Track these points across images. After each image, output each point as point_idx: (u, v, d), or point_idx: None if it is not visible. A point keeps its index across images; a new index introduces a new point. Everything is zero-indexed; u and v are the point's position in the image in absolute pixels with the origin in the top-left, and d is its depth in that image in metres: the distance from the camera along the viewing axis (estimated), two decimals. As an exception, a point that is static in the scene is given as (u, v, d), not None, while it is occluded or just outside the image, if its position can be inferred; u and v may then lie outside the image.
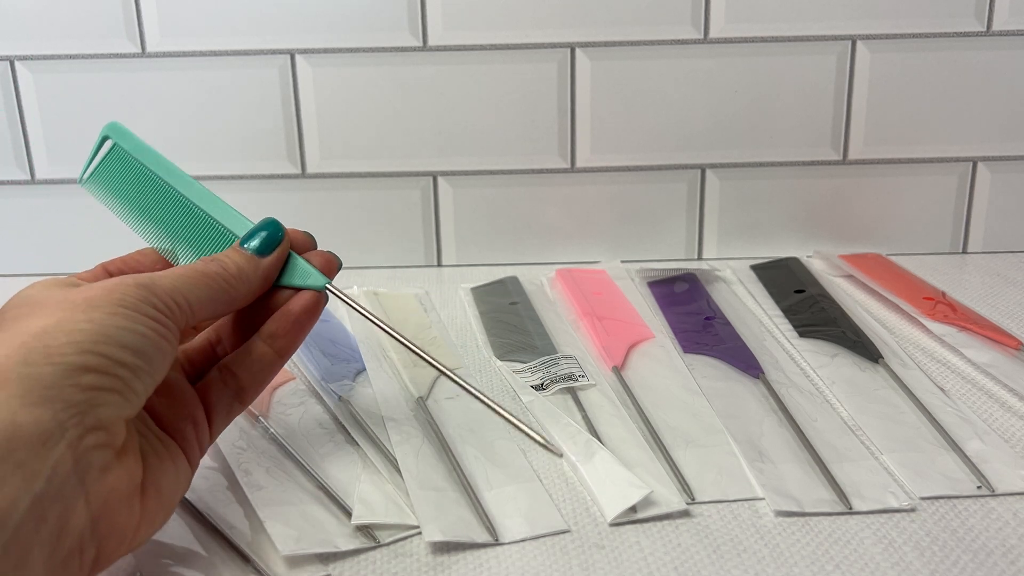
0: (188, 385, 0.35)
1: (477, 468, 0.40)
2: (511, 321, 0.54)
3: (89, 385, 0.27)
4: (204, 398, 0.35)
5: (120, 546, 0.29)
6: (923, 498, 0.38)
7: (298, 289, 0.37)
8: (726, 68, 0.62)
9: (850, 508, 0.37)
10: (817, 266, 0.63)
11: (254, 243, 0.36)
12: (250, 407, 0.44)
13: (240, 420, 0.44)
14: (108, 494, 0.28)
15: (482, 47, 0.62)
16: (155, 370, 0.30)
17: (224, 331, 0.37)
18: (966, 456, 0.40)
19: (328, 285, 0.37)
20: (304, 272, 0.37)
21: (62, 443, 0.26)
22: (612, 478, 0.38)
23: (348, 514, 0.37)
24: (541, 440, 0.36)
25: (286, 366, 0.49)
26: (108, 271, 0.36)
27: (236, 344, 0.37)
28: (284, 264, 0.37)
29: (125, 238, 0.68)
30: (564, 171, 0.64)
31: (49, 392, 0.26)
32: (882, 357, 0.49)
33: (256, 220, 0.37)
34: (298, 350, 0.50)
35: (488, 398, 0.36)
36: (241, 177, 0.64)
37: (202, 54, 0.62)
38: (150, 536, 0.31)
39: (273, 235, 0.36)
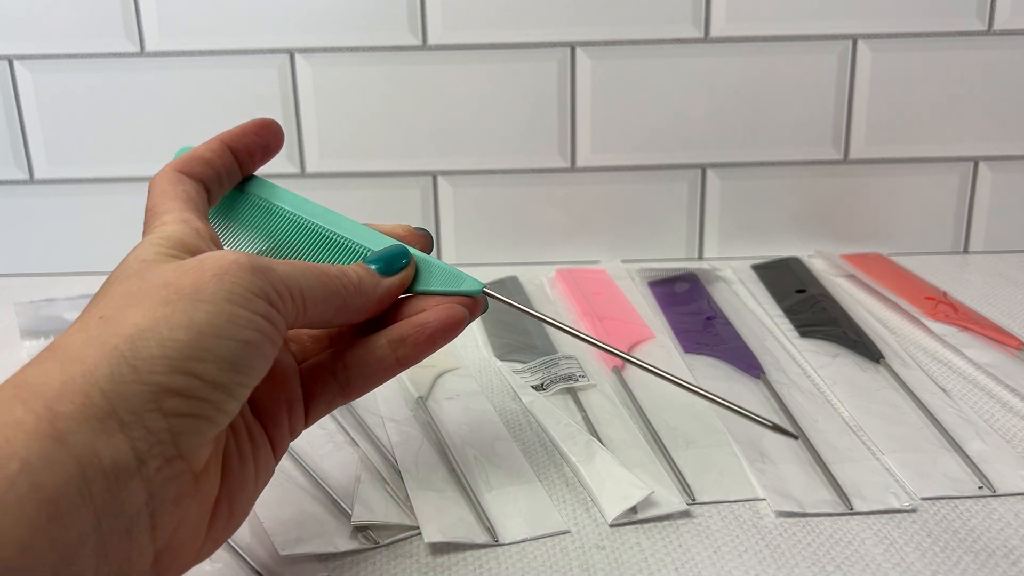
0: (294, 364, 0.32)
1: (477, 469, 0.40)
2: (511, 321, 0.54)
3: (174, 411, 0.25)
4: (308, 381, 0.32)
5: (176, 574, 0.27)
6: (924, 498, 0.38)
7: (434, 294, 0.34)
8: (727, 67, 0.62)
9: (851, 508, 0.37)
10: (818, 266, 0.63)
11: (377, 264, 0.33)
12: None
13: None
14: (177, 526, 0.25)
15: (482, 46, 0.62)
16: (254, 380, 0.27)
17: None
18: (967, 456, 0.40)
19: (486, 289, 0.34)
20: (452, 276, 0.34)
21: (138, 476, 0.24)
22: (612, 479, 0.38)
23: (347, 514, 0.36)
24: (771, 424, 0.31)
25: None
26: (183, 173, 0.34)
27: (355, 333, 0.34)
28: (419, 272, 0.34)
29: (124, 239, 0.68)
30: (564, 170, 0.64)
31: (131, 418, 0.24)
32: (883, 357, 0.49)
33: None
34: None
35: (693, 385, 0.33)
36: (241, 177, 0.64)
37: (201, 53, 0.61)
38: (209, 555, 0.29)
39: (398, 258, 0.34)
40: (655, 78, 0.62)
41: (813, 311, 0.55)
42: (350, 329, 0.35)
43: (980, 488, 0.38)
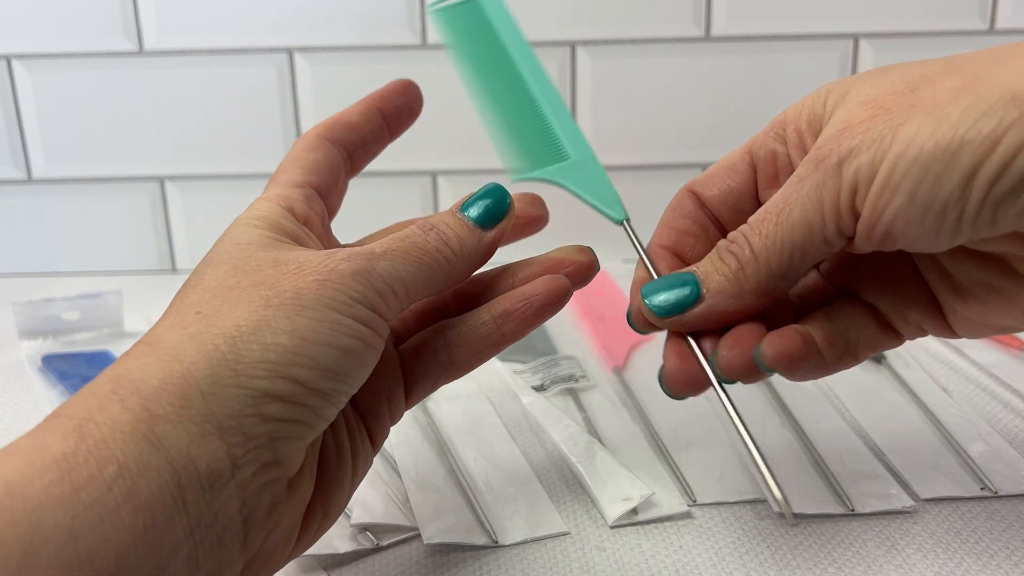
0: (394, 353, 0.31)
1: (477, 470, 0.39)
2: (511, 321, 0.54)
3: (274, 415, 0.24)
4: (409, 364, 0.31)
5: None
6: (926, 499, 0.37)
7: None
8: (728, 66, 0.62)
9: (852, 510, 0.37)
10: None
11: (475, 212, 0.31)
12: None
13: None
14: (269, 534, 0.25)
15: (482, 45, 0.61)
16: (355, 386, 0.27)
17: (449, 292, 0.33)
18: (969, 457, 0.40)
19: (626, 221, 0.32)
20: (604, 191, 0.33)
21: (232, 483, 0.23)
22: (613, 480, 0.38)
23: (347, 515, 0.36)
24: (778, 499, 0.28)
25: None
26: (326, 139, 0.33)
27: (460, 307, 0.32)
28: (575, 170, 0.32)
29: (123, 238, 0.68)
30: (564, 170, 0.64)
31: (230, 423, 0.23)
32: (885, 358, 0.49)
33: None
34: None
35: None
36: (240, 176, 0.64)
37: (200, 52, 0.61)
38: (299, 555, 0.28)
39: (499, 204, 0.31)
40: (655, 77, 0.62)
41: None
42: (453, 304, 0.33)
43: (982, 489, 0.38)
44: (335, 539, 0.35)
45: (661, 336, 0.52)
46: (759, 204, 0.32)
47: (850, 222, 0.27)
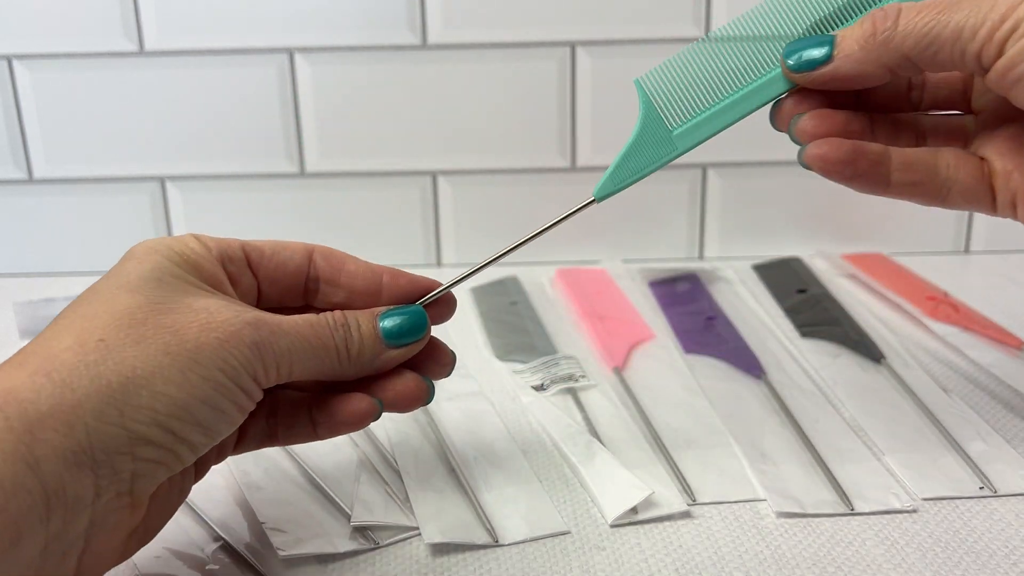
0: None
1: (477, 469, 0.40)
2: (511, 321, 0.54)
3: (144, 457, 0.26)
4: (242, 425, 0.32)
5: None
6: (925, 499, 0.37)
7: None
8: (727, 67, 0.62)
9: (852, 509, 0.37)
10: (819, 266, 0.63)
11: (390, 324, 0.33)
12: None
13: (239, 420, 0.43)
14: (101, 550, 0.27)
15: (482, 45, 0.62)
16: (217, 440, 0.28)
17: None
18: (968, 457, 0.40)
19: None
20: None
21: (89, 508, 0.25)
22: (613, 479, 0.38)
23: (347, 515, 0.36)
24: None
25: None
26: (246, 252, 0.33)
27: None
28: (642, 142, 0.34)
29: (123, 238, 0.68)
30: (565, 170, 0.64)
31: (103, 456, 0.25)
32: (884, 357, 0.49)
33: None
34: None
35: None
36: (240, 176, 0.64)
37: (200, 52, 0.61)
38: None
39: (415, 328, 0.33)
40: (655, 77, 0.62)
41: (814, 311, 0.55)
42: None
43: (981, 488, 0.38)
44: (335, 538, 0.35)
45: (662, 336, 0.53)
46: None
47: (992, 54, 0.29)
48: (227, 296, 0.31)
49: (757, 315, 0.55)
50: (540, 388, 0.46)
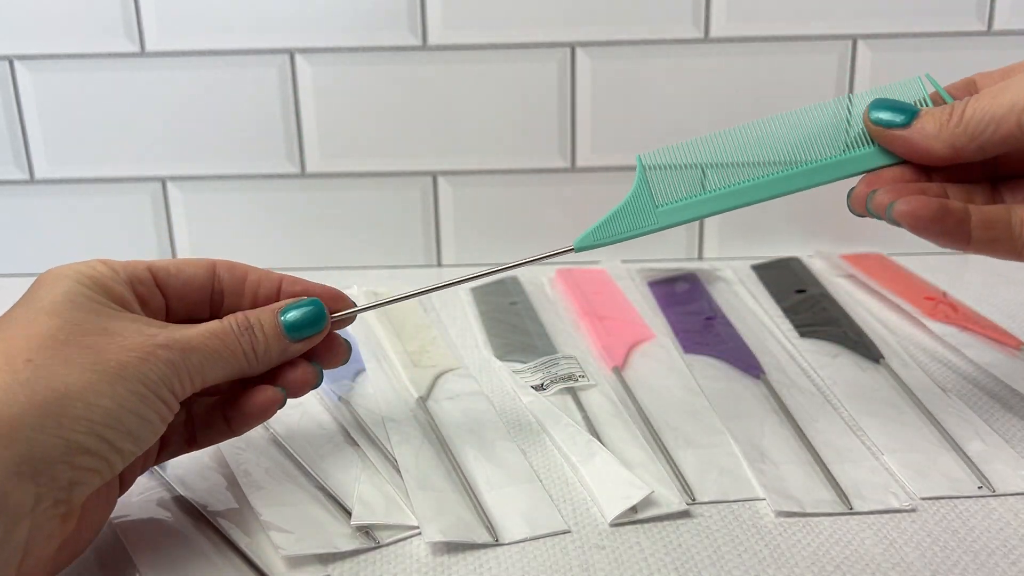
0: None
1: (477, 468, 0.40)
2: (511, 321, 0.54)
3: (81, 466, 0.28)
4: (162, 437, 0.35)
5: None
6: (924, 498, 0.38)
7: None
8: (727, 67, 0.62)
9: (851, 508, 0.37)
10: (818, 266, 0.63)
11: (293, 317, 0.35)
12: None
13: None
14: (40, 554, 0.28)
15: (482, 46, 0.62)
16: (141, 450, 0.31)
17: None
18: (967, 456, 0.40)
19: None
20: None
21: (28, 516, 0.27)
22: (612, 478, 0.38)
23: (348, 514, 0.36)
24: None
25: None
26: (153, 272, 0.35)
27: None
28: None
29: (124, 239, 0.68)
30: (564, 171, 0.64)
31: (43, 466, 0.27)
32: (883, 357, 0.49)
33: None
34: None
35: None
36: (241, 177, 0.64)
37: (201, 53, 0.61)
38: None
39: (315, 321, 0.36)
40: (655, 78, 0.62)
41: (813, 311, 0.55)
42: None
43: (980, 488, 0.38)
44: (336, 537, 0.35)
45: (661, 336, 0.53)
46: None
47: None
48: (138, 316, 0.33)
49: (756, 315, 0.56)
50: (540, 388, 0.46)
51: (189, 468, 0.39)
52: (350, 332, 0.53)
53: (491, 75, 0.62)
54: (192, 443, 0.36)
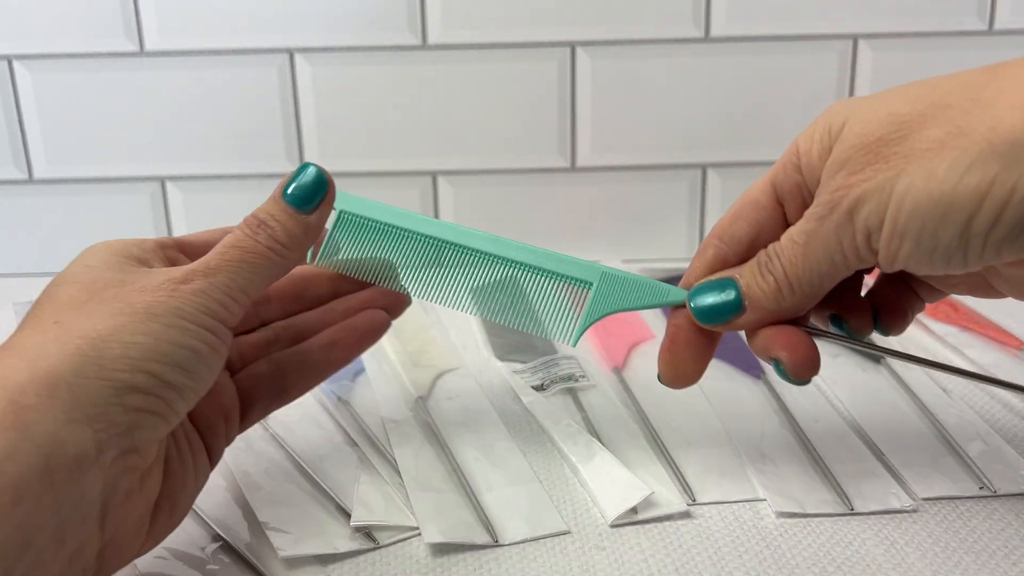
0: (229, 380, 0.34)
1: (477, 469, 0.40)
2: (511, 321, 0.54)
3: (135, 406, 0.27)
4: (245, 391, 0.35)
5: (117, 568, 0.28)
6: (925, 499, 0.37)
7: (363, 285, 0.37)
8: (727, 67, 0.62)
9: (852, 509, 0.37)
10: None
11: (295, 194, 0.33)
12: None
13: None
14: (123, 520, 0.27)
15: (482, 45, 0.62)
16: (202, 387, 0.29)
17: (280, 326, 0.37)
18: (968, 457, 0.40)
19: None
20: (652, 288, 0.35)
21: (96, 466, 0.26)
22: (613, 479, 0.38)
23: (347, 515, 0.36)
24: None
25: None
26: (179, 242, 0.34)
27: (291, 341, 0.37)
28: (615, 290, 0.35)
29: (124, 238, 0.68)
30: (564, 170, 0.64)
31: (95, 410, 0.26)
32: (883, 357, 0.49)
33: None
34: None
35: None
36: (240, 176, 0.64)
37: (201, 53, 0.61)
38: (148, 551, 0.30)
39: (317, 184, 0.33)
40: (655, 78, 0.62)
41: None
42: (285, 337, 0.37)
43: (981, 488, 0.38)
44: (336, 538, 0.35)
45: (660, 336, 0.53)
46: None
47: (869, 257, 0.30)
48: (158, 269, 0.32)
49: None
50: (540, 388, 0.46)
51: (188, 468, 0.39)
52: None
53: (491, 75, 0.62)
54: (283, 394, 0.35)
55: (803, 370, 0.33)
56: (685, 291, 0.35)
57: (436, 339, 0.52)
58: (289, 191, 0.33)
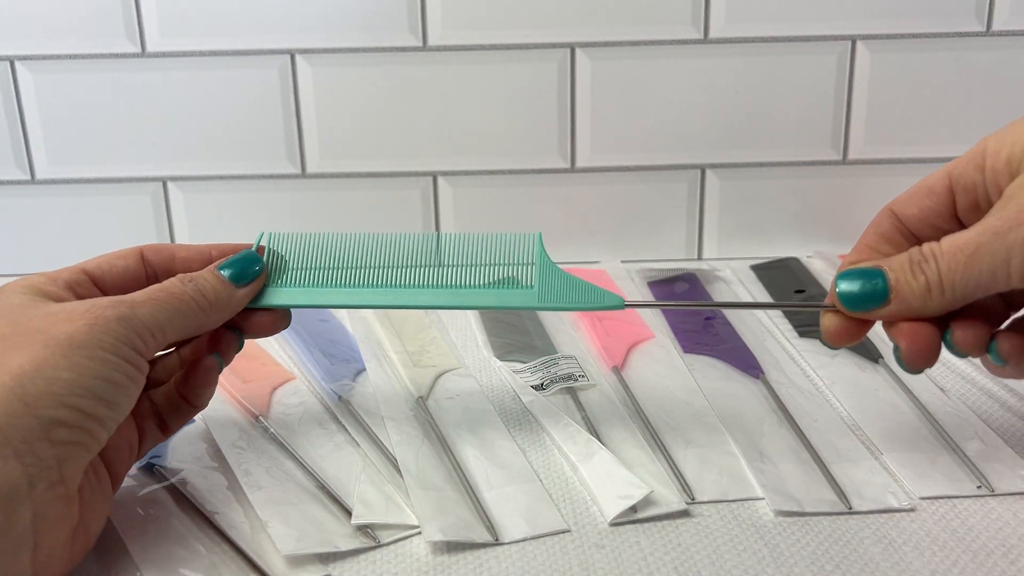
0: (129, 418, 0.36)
1: (477, 468, 0.40)
2: (511, 321, 0.54)
3: (61, 440, 0.28)
4: (163, 407, 0.37)
5: None
6: (923, 498, 0.38)
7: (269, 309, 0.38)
8: (726, 68, 0.62)
9: (850, 508, 0.37)
10: (817, 266, 0.63)
11: (230, 271, 0.36)
12: (250, 407, 0.44)
13: (240, 420, 0.44)
14: (52, 547, 0.28)
15: (482, 47, 0.62)
16: (122, 416, 0.31)
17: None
18: (966, 456, 0.40)
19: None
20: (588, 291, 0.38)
21: (27, 500, 0.27)
22: (612, 478, 0.38)
23: (348, 514, 0.37)
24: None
25: (287, 365, 0.50)
26: (87, 273, 0.36)
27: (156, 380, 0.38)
28: (556, 286, 0.39)
29: (124, 239, 0.68)
30: (564, 171, 0.64)
31: (23, 446, 0.27)
32: (882, 357, 0.49)
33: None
34: (299, 350, 0.50)
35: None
36: (241, 177, 0.64)
37: (202, 54, 0.62)
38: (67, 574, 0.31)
39: (250, 266, 0.37)
40: (655, 78, 0.63)
41: (812, 311, 0.55)
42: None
43: (979, 488, 0.38)
44: (336, 537, 0.35)
45: (660, 336, 0.53)
46: (957, 223, 0.36)
47: None
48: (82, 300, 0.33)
49: (755, 315, 0.56)
50: (540, 388, 0.46)
51: (190, 468, 0.39)
52: (351, 332, 0.53)
53: (491, 75, 0.62)
54: (166, 429, 0.37)
55: (919, 360, 0.34)
56: (620, 297, 0.37)
57: (436, 339, 0.52)
58: (226, 269, 0.36)
